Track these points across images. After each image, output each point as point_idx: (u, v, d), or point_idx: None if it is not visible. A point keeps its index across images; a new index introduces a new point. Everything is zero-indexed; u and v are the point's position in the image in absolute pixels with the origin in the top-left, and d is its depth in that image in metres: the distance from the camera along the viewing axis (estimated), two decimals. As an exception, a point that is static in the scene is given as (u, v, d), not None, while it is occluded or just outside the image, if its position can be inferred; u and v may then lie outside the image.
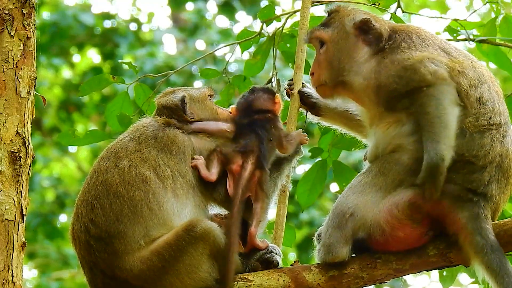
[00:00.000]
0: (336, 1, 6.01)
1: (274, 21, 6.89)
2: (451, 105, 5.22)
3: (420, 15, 7.07)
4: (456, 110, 5.23)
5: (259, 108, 5.58)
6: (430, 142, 5.14)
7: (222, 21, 18.40)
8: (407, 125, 5.30)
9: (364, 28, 5.54)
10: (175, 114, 5.60)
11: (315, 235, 5.51)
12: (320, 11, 6.85)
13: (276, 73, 6.60)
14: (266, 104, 5.60)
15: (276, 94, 5.62)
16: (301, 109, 5.99)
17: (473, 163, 5.21)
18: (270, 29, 6.89)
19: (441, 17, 7.08)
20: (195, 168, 5.38)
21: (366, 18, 5.53)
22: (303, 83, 5.99)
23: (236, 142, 5.44)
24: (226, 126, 5.54)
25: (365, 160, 5.58)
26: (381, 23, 5.58)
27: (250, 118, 5.52)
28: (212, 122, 5.57)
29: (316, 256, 5.36)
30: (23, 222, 4.97)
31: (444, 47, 5.45)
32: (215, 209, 5.52)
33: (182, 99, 5.62)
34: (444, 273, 6.59)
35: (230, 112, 5.68)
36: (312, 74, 5.65)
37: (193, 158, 5.41)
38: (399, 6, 6.82)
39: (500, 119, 5.31)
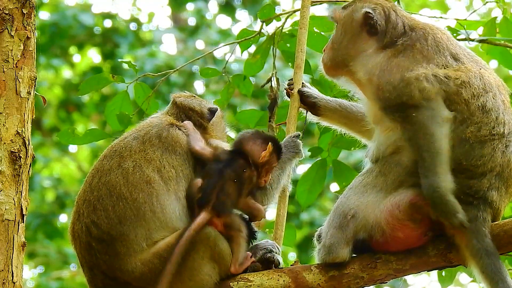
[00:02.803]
0: (336, 1, 6.01)
1: (274, 21, 6.89)
2: (439, 127, 5.18)
3: (420, 15, 7.06)
4: (445, 128, 5.19)
5: (245, 150, 5.45)
6: (422, 178, 5.15)
7: (223, 21, 18.42)
8: (404, 135, 5.29)
9: (368, 21, 5.54)
10: (199, 117, 5.61)
11: (315, 236, 5.51)
12: (320, 10, 6.85)
13: (276, 72, 6.60)
14: (253, 150, 5.45)
15: (269, 144, 5.42)
16: (301, 109, 5.99)
17: (471, 170, 5.21)
18: (270, 28, 6.89)
19: (441, 17, 7.08)
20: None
21: (368, 12, 5.52)
22: (303, 83, 6.00)
23: (207, 174, 5.35)
24: (208, 152, 5.44)
25: (366, 157, 5.58)
26: (396, 19, 5.53)
27: (230, 158, 5.40)
28: (202, 143, 5.49)
29: (316, 256, 5.36)
30: (23, 222, 4.96)
31: (456, 53, 5.42)
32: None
33: (214, 111, 5.65)
34: (443, 274, 6.59)
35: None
36: (324, 50, 5.72)
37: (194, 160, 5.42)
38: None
39: (504, 129, 5.28)
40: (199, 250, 5.15)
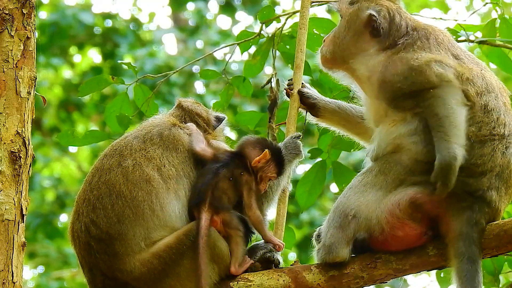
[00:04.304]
0: (336, 1, 6.01)
1: (274, 22, 6.89)
2: (459, 106, 5.22)
3: (421, 15, 7.06)
4: (463, 110, 5.22)
5: (243, 153, 5.45)
6: (441, 142, 5.14)
7: (223, 21, 18.42)
8: (411, 124, 5.30)
9: (372, 23, 5.56)
10: (205, 123, 5.64)
11: (314, 236, 5.52)
12: (320, 11, 6.86)
13: (276, 73, 6.60)
14: (250, 153, 5.44)
15: (266, 150, 5.40)
16: (300, 109, 5.99)
17: (471, 169, 5.21)
18: (270, 29, 6.90)
19: (441, 18, 7.08)
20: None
21: (372, 14, 5.53)
22: (302, 83, 6.00)
23: (203, 174, 5.36)
24: (209, 153, 5.44)
25: (367, 156, 5.58)
26: (400, 21, 5.54)
27: (229, 158, 5.40)
28: (203, 144, 5.49)
29: (315, 256, 5.36)
30: (23, 222, 4.96)
31: (457, 54, 5.44)
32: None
33: (222, 119, 5.71)
34: (442, 275, 6.58)
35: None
36: (324, 41, 5.74)
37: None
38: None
39: (504, 130, 5.29)
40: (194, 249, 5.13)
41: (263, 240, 5.48)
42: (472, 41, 6.67)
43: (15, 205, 4.92)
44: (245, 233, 5.28)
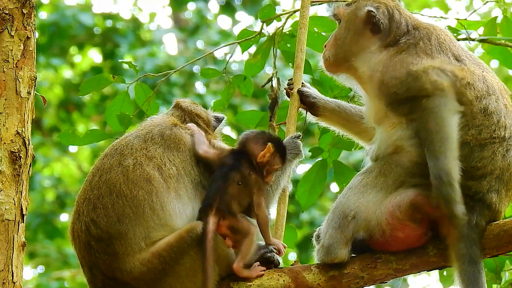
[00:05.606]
0: (335, 1, 6.01)
1: (275, 21, 6.89)
2: (450, 115, 5.19)
3: (422, 15, 7.05)
4: (455, 118, 5.20)
5: (247, 150, 5.44)
6: (431, 160, 5.13)
7: (224, 21, 18.43)
8: (408, 129, 5.29)
9: (371, 19, 5.55)
10: (204, 124, 5.64)
11: (314, 236, 5.51)
12: (320, 10, 6.85)
13: (276, 72, 6.60)
14: (254, 150, 5.43)
15: (268, 144, 5.40)
16: (300, 109, 5.99)
17: (471, 172, 5.20)
18: (271, 29, 6.89)
19: (442, 17, 7.08)
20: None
21: (371, 10, 5.53)
22: (302, 83, 6.00)
23: (213, 180, 5.35)
24: (211, 155, 5.45)
25: (367, 155, 5.57)
26: (399, 18, 5.54)
27: (235, 160, 5.39)
28: (205, 146, 5.48)
29: (315, 257, 5.36)
30: (23, 222, 4.96)
31: (458, 55, 5.43)
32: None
33: (221, 119, 5.73)
34: (445, 273, 6.58)
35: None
36: (325, 46, 5.72)
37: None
38: (399, 5, 6.80)
39: (505, 133, 5.27)
40: (199, 251, 5.13)
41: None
42: (473, 40, 6.67)
43: (15, 205, 4.92)
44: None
